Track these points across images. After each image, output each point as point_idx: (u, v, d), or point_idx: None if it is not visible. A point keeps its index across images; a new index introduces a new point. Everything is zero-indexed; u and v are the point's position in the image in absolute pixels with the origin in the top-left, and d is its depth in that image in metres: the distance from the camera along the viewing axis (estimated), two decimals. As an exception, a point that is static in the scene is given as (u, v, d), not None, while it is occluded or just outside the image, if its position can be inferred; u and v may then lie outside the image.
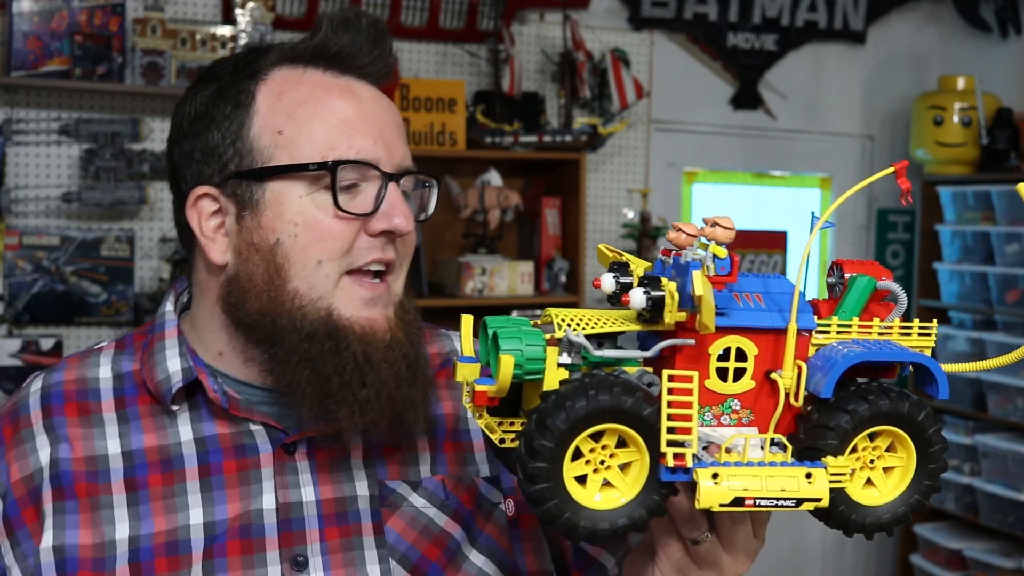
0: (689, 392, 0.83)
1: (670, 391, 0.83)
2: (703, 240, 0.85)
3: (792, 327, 0.85)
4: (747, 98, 4.54)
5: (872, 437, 0.88)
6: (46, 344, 3.43)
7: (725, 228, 0.84)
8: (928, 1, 4.76)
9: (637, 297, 0.83)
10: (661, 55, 4.36)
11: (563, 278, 3.85)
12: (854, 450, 0.87)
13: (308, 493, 1.10)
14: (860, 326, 0.88)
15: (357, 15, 1.11)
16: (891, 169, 0.87)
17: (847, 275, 0.92)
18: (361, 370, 1.06)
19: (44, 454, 1.08)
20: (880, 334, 0.89)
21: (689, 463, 0.83)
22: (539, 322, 0.91)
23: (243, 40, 3.52)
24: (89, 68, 3.37)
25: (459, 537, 1.14)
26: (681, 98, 4.42)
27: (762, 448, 0.86)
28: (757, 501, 0.82)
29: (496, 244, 3.88)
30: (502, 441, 0.90)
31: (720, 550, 0.96)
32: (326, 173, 1.06)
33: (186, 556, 1.05)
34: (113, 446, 1.09)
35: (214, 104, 1.10)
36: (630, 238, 3.98)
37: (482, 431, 0.91)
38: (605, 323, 0.87)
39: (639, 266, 0.92)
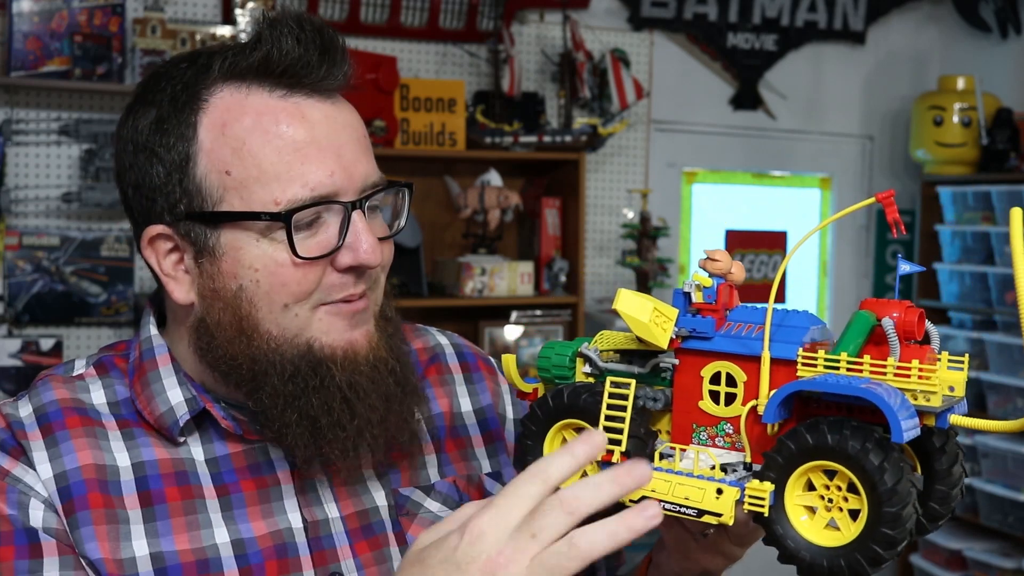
0: (625, 398, 0.93)
1: (611, 395, 0.93)
2: (699, 272, 0.95)
3: (765, 355, 0.89)
4: (747, 98, 4.54)
5: (832, 476, 0.85)
6: (46, 344, 3.43)
7: (712, 260, 0.93)
8: (928, 1, 4.76)
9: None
10: (661, 55, 4.36)
11: (563, 278, 3.84)
12: (813, 487, 0.86)
13: (332, 509, 1.07)
14: (849, 362, 0.86)
15: (300, 22, 1.01)
16: (871, 200, 0.88)
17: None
18: (349, 402, 1.02)
19: (44, 468, 1.00)
20: (872, 372, 0.85)
21: (615, 459, 0.92)
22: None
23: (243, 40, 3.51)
24: (89, 68, 3.37)
25: None
26: (681, 98, 4.42)
27: (715, 469, 0.91)
28: (663, 504, 0.89)
29: (496, 244, 3.88)
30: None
31: (723, 538, 1.02)
32: (280, 221, 0.99)
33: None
34: (122, 459, 1.02)
35: (154, 136, 1.02)
36: (630, 238, 3.98)
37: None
38: (617, 342, 1.00)
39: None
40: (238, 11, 3.54)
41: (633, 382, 0.93)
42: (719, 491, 0.88)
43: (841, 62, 4.69)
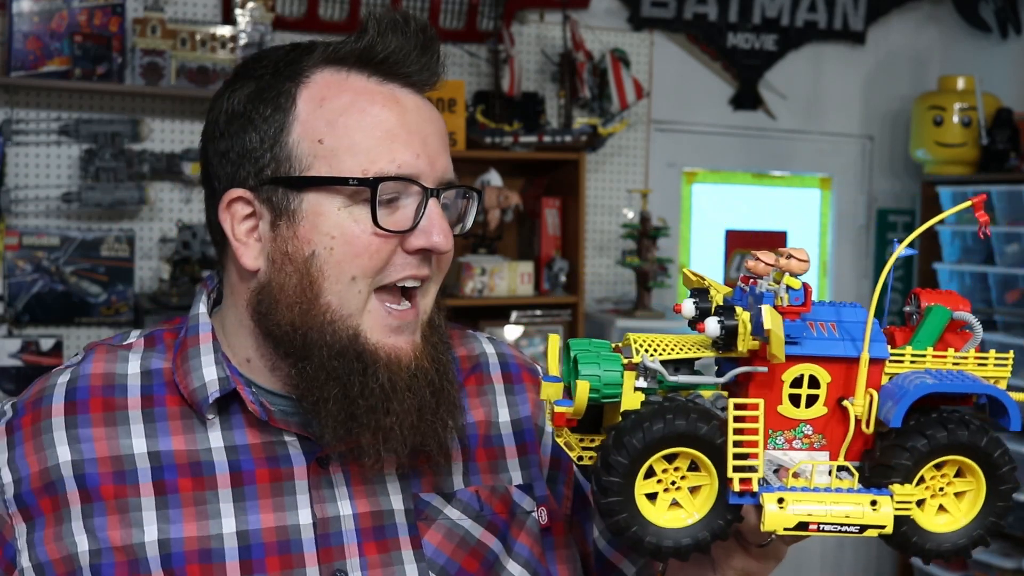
0: (755, 419, 0.86)
1: (736, 419, 0.86)
2: (778, 271, 0.89)
3: (864, 356, 0.88)
4: (747, 98, 4.54)
5: (939, 466, 0.88)
6: (46, 344, 3.43)
7: (799, 260, 0.87)
8: (928, 1, 4.76)
9: (712, 326, 0.88)
10: (661, 55, 4.36)
11: (563, 278, 3.84)
12: (921, 480, 0.88)
13: (345, 507, 1.08)
14: (934, 356, 0.89)
15: (406, 19, 1.07)
16: (968, 203, 0.89)
17: (924, 304, 0.94)
18: (387, 397, 1.04)
19: (63, 451, 1.06)
20: (955, 364, 0.89)
21: (755, 488, 0.87)
22: (619, 346, 0.95)
23: (243, 41, 3.51)
24: (89, 68, 3.37)
25: (496, 548, 1.13)
26: (681, 98, 4.42)
27: (829, 474, 0.89)
28: (821, 526, 0.86)
29: (496, 244, 3.88)
30: (580, 459, 0.96)
31: (781, 543, 1.03)
32: (366, 188, 1.03)
33: (219, 565, 1.03)
34: (139, 445, 1.07)
35: (253, 104, 1.07)
36: (630, 238, 3.98)
37: (560, 447, 0.98)
38: (680, 349, 0.92)
39: (719, 292, 0.96)
40: (238, 11, 3.54)
41: (761, 402, 0.87)
42: (873, 502, 0.86)
43: (841, 62, 4.69)
